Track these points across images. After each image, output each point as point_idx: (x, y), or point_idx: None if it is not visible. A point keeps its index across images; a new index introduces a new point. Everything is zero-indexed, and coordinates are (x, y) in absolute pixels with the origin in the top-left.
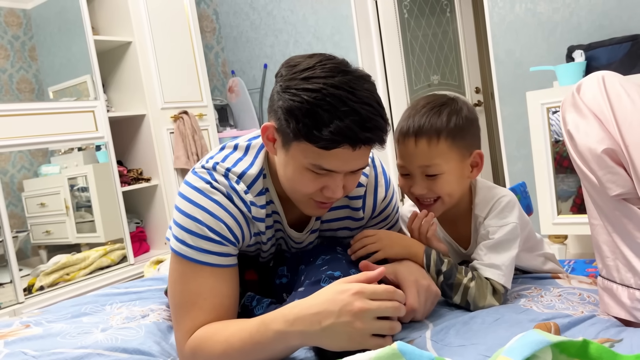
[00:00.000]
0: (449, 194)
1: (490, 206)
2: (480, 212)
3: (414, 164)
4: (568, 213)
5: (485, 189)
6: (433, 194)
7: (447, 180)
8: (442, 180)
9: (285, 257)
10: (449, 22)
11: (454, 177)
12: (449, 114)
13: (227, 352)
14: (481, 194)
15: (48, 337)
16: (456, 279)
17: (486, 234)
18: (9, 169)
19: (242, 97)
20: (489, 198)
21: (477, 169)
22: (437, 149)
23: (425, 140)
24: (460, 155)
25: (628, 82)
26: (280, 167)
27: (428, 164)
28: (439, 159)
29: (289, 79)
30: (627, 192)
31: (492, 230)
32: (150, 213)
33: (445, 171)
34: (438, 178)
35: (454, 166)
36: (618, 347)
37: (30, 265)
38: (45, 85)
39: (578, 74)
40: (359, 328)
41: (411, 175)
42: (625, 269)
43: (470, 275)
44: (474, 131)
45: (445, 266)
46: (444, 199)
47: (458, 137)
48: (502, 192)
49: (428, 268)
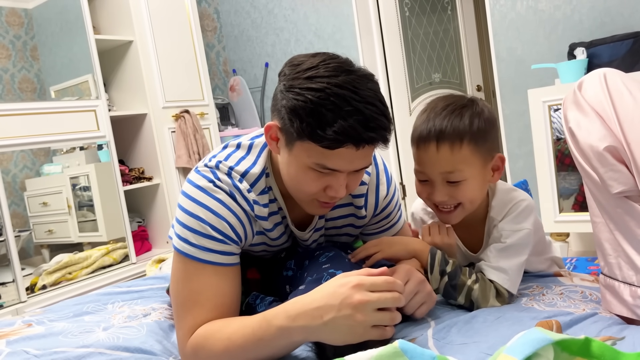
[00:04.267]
0: (471, 200)
1: (507, 209)
2: (496, 215)
3: (435, 171)
4: (570, 211)
5: (504, 191)
6: (454, 200)
7: (470, 186)
8: (464, 186)
9: (296, 251)
10: (450, 20)
11: (476, 182)
12: (471, 116)
13: (229, 349)
14: (499, 197)
15: (50, 336)
16: (460, 280)
17: (499, 237)
18: (11, 168)
19: (243, 96)
20: (507, 201)
21: (498, 173)
22: (460, 154)
23: (447, 145)
24: (483, 160)
25: (630, 79)
26: (283, 166)
27: (451, 170)
28: (462, 164)
29: (293, 78)
30: (629, 189)
31: (505, 234)
32: (152, 212)
33: (468, 177)
34: (460, 184)
35: (476, 171)
36: (620, 345)
37: (33, 265)
38: (47, 85)
39: (580, 72)
40: (360, 320)
41: (430, 182)
42: (627, 266)
43: (474, 277)
44: (494, 134)
45: (450, 267)
46: (465, 205)
47: (481, 141)
48: (520, 195)
49: (432, 268)
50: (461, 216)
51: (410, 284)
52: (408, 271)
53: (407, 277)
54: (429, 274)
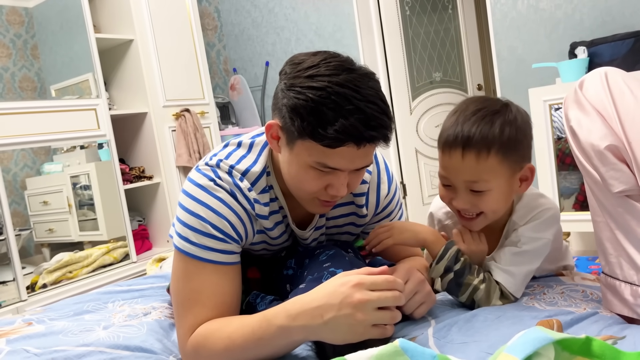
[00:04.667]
0: (493, 211)
1: (532, 216)
2: (519, 219)
3: (459, 178)
4: (570, 210)
5: (531, 196)
6: (476, 209)
7: (494, 197)
8: (488, 196)
9: (297, 250)
10: (450, 19)
11: (501, 193)
12: (502, 124)
13: (229, 348)
14: (525, 201)
15: (50, 335)
16: (467, 279)
17: (516, 241)
18: (12, 167)
19: (244, 95)
20: (533, 207)
21: (527, 184)
22: (486, 164)
23: (474, 154)
24: (511, 171)
25: (631, 78)
26: (284, 165)
27: (475, 179)
28: (487, 174)
29: (294, 77)
30: (630, 188)
31: (523, 240)
32: (152, 211)
33: (492, 188)
34: (484, 194)
35: (502, 182)
36: (621, 344)
37: (33, 263)
38: (48, 84)
39: (580, 71)
40: (360, 319)
41: (454, 188)
42: (628, 266)
43: (481, 276)
44: (526, 142)
45: (459, 265)
46: (487, 215)
47: (510, 151)
48: (547, 203)
49: (439, 260)
50: (483, 224)
51: (410, 284)
52: (408, 271)
53: (407, 276)
54: (433, 264)
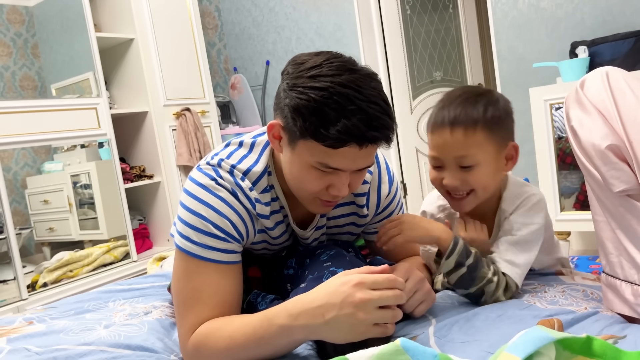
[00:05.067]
0: (483, 187)
1: (520, 202)
2: (508, 206)
3: (449, 154)
4: (571, 210)
5: (516, 184)
6: (467, 186)
7: (483, 172)
8: (477, 171)
9: (297, 250)
10: (451, 18)
11: (489, 169)
12: (485, 104)
13: (230, 347)
14: (511, 189)
15: (51, 334)
16: (481, 272)
17: (510, 229)
18: (12, 166)
19: (244, 94)
20: (519, 194)
21: (512, 162)
22: (473, 138)
23: (461, 130)
24: (497, 147)
25: (632, 78)
26: (286, 165)
27: (464, 154)
28: (475, 148)
29: (296, 77)
30: (631, 188)
31: (516, 227)
32: (153, 210)
33: (480, 162)
34: (473, 169)
35: (489, 158)
36: (622, 344)
37: (34, 262)
38: (48, 83)
39: (581, 70)
40: (362, 319)
41: (444, 167)
42: (629, 265)
43: (492, 269)
44: (509, 123)
45: (471, 258)
46: (477, 192)
47: (495, 128)
48: (532, 189)
49: (449, 255)
50: (473, 204)
51: (410, 283)
52: (408, 270)
53: (407, 275)
54: (443, 259)
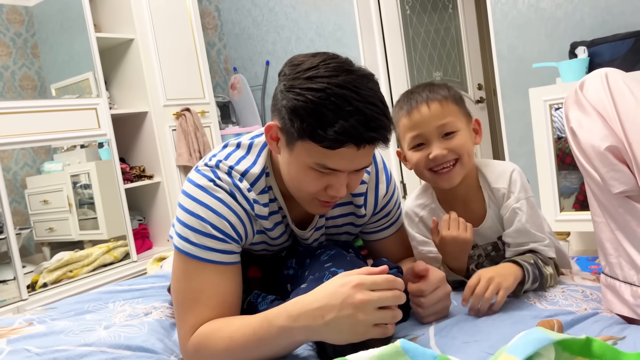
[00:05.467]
0: (467, 152)
1: (509, 179)
2: (499, 184)
3: (431, 126)
4: (571, 210)
5: (488, 164)
6: (453, 154)
7: (464, 138)
8: (459, 137)
9: (297, 250)
10: (451, 18)
11: (467, 135)
12: (444, 88)
13: (230, 348)
14: (488, 168)
15: (51, 335)
16: (545, 276)
17: (513, 215)
18: (12, 166)
19: (244, 94)
20: (501, 171)
21: (479, 136)
22: (449, 107)
23: (437, 101)
24: (467, 119)
25: (631, 79)
26: (283, 166)
27: (445, 121)
28: (453, 116)
29: (293, 78)
30: (631, 189)
31: (521, 208)
32: (152, 210)
33: (460, 128)
34: (455, 136)
35: (464, 126)
36: (621, 345)
37: (34, 262)
38: (48, 83)
39: (581, 71)
40: (362, 320)
41: (427, 142)
42: (628, 266)
43: (541, 262)
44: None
45: (536, 272)
46: (463, 158)
47: (460, 103)
48: (507, 165)
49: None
50: (461, 173)
51: (440, 292)
52: (441, 279)
53: (439, 284)
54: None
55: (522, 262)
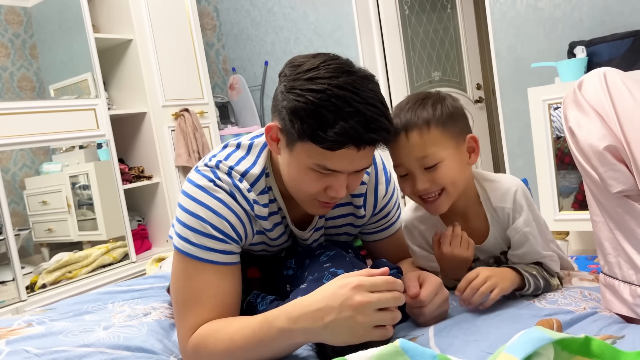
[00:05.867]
0: (452, 183)
1: (512, 199)
2: (502, 203)
3: (411, 158)
4: (569, 209)
5: (489, 179)
6: (437, 186)
7: (448, 168)
8: (442, 169)
9: (296, 250)
10: (449, 18)
11: (453, 164)
12: (433, 104)
13: (230, 349)
14: (489, 184)
15: (50, 336)
16: (552, 286)
17: (524, 239)
18: (11, 167)
19: (243, 95)
20: (504, 190)
21: (475, 154)
22: (429, 137)
23: (416, 132)
24: (455, 141)
25: (629, 78)
26: (283, 167)
27: (424, 154)
28: (434, 147)
29: (293, 79)
30: (629, 189)
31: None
32: (151, 211)
33: (443, 158)
34: (438, 168)
35: (450, 153)
36: (620, 344)
37: (33, 263)
38: (47, 83)
39: (579, 70)
40: (361, 321)
41: (410, 174)
42: (627, 265)
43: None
44: (462, 118)
45: (542, 281)
46: (448, 189)
47: (448, 124)
48: (509, 183)
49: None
50: (448, 203)
51: (439, 298)
52: (439, 285)
53: (437, 290)
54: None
55: (524, 271)
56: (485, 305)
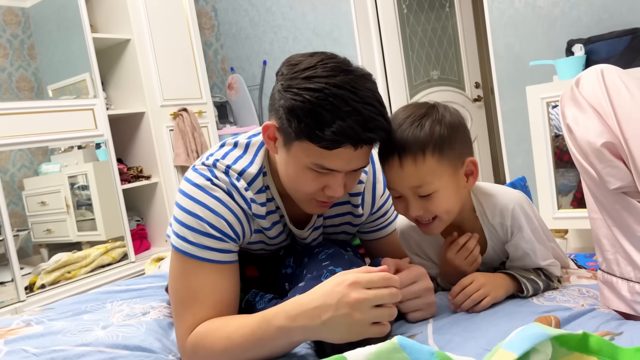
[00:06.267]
0: (446, 211)
1: (510, 217)
2: (500, 219)
3: (404, 186)
4: (568, 207)
5: (485, 193)
6: (430, 214)
7: (443, 197)
8: (437, 198)
9: (295, 249)
10: (448, 17)
11: (449, 192)
12: (431, 124)
13: (228, 348)
14: (485, 199)
15: (49, 335)
16: (552, 286)
17: (526, 256)
18: (10, 167)
19: (241, 94)
20: (501, 207)
21: (473, 178)
22: (424, 166)
23: (410, 159)
24: (451, 168)
25: (627, 75)
26: (281, 166)
27: (418, 184)
28: (429, 177)
29: (290, 78)
30: (627, 185)
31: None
32: (150, 211)
33: (438, 188)
34: (433, 197)
35: (447, 181)
36: (618, 340)
37: (32, 264)
38: (45, 84)
39: (578, 68)
40: (358, 319)
41: (403, 197)
42: (625, 262)
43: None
44: (461, 138)
45: (541, 284)
46: (441, 217)
47: (446, 148)
48: (506, 199)
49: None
50: (441, 227)
51: (416, 286)
52: (420, 275)
53: (417, 278)
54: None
55: (520, 277)
56: (475, 310)
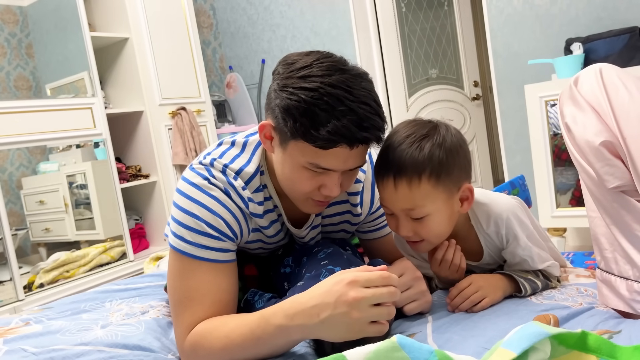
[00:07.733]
0: (436, 236)
1: (505, 225)
2: (495, 228)
3: (396, 207)
4: (567, 206)
5: (479, 204)
6: (418, 236)
7: (435, 221)
8: (428, 221)
9: (294, 248)
10: (446, 16)
11: (441, 217)
12: (430, 148)
13: (227, 347)
14: (479, 209)
15: (48, 334)
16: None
17: (523, 262)
18: (8, 166)
19: (240, 93)
20: (495, 216)
21: (468, 203)
22: (419, 190)
23: (405, 182)
24: (447, 193)
25: (625, 74)
26: (277, 165)
27: (411, 207)
28: (422, 201)
29: (286, 77)
30: (625, 184)
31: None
32: (149, 210)
33: (431, 212)
34: (424, 220)
35: (440, 206)
36: (616, 339)
37: (30, 263)
38: (43, 83)
39: (576, 67)
40: (357, 317)
41: (395, 215)
42: (623, 261)
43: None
44: (460, 163)
45: (540, 284)
46: (431, 240)
47: (443, 174)
48: (500, 207)
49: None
50: (430, 247)
51: (404, 278)
52: (405, 267)
53: (402, 271)
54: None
55: (518, 277)
56: (472, 311)
